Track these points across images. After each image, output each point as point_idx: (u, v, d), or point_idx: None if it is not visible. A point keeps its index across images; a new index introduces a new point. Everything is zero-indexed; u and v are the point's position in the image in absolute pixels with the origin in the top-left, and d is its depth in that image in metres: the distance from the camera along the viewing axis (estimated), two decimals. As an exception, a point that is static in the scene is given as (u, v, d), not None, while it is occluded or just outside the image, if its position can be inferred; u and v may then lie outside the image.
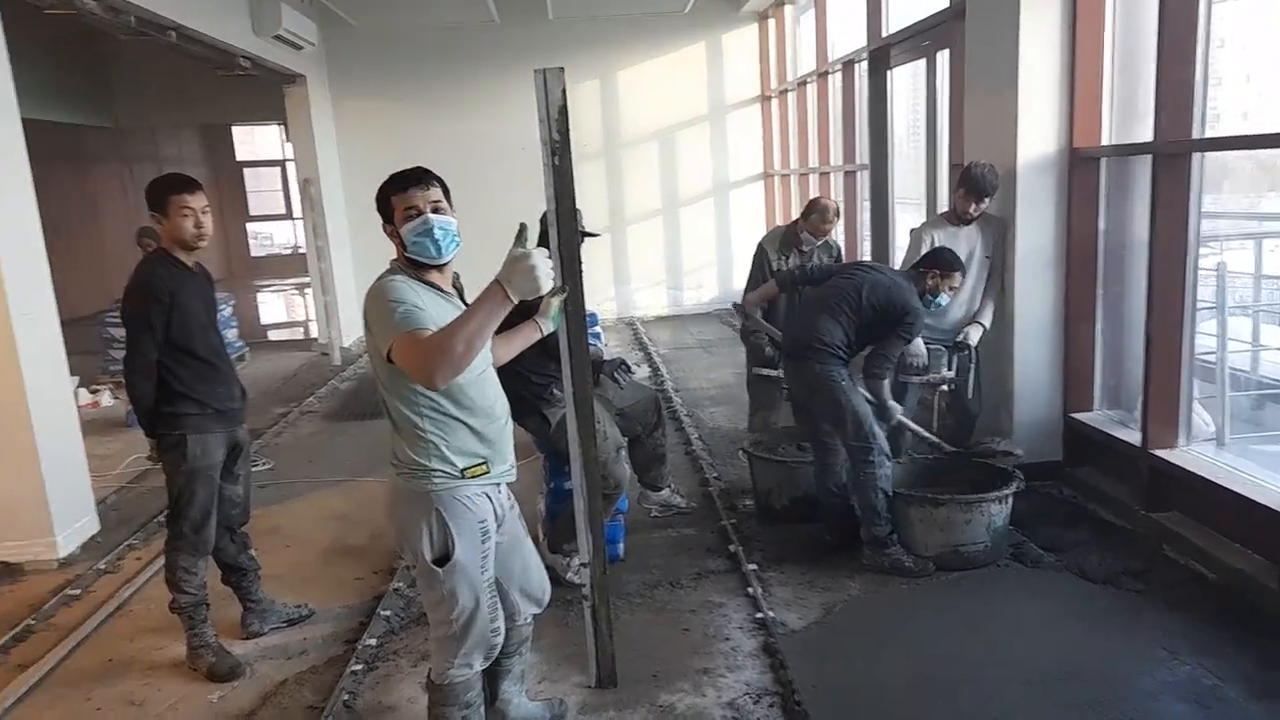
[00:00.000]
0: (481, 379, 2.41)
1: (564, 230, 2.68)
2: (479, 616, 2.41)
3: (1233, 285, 5.87)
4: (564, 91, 2.61)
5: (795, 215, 5.79)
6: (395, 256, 2.41)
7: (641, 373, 7.85)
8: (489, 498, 2.43)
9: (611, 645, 3.04)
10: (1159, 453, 3.94)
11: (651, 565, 4.05)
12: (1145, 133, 4.12)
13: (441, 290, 2.39)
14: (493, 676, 2.75)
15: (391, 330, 2.19)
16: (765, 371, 5.10)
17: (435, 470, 2.32)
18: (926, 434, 4.30)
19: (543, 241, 4.00)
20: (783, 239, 5.11)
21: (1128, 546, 3.92)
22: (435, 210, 2.35)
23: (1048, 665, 3.09)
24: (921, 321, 4.01)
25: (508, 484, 2.54)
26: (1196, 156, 3.87)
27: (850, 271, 4.21)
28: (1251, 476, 3.59)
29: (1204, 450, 3.95)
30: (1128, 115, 4.41)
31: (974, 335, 4.54)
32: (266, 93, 9.79)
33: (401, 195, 2.34)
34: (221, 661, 3.28)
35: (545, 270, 2.21)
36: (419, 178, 2.39)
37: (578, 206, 4.07)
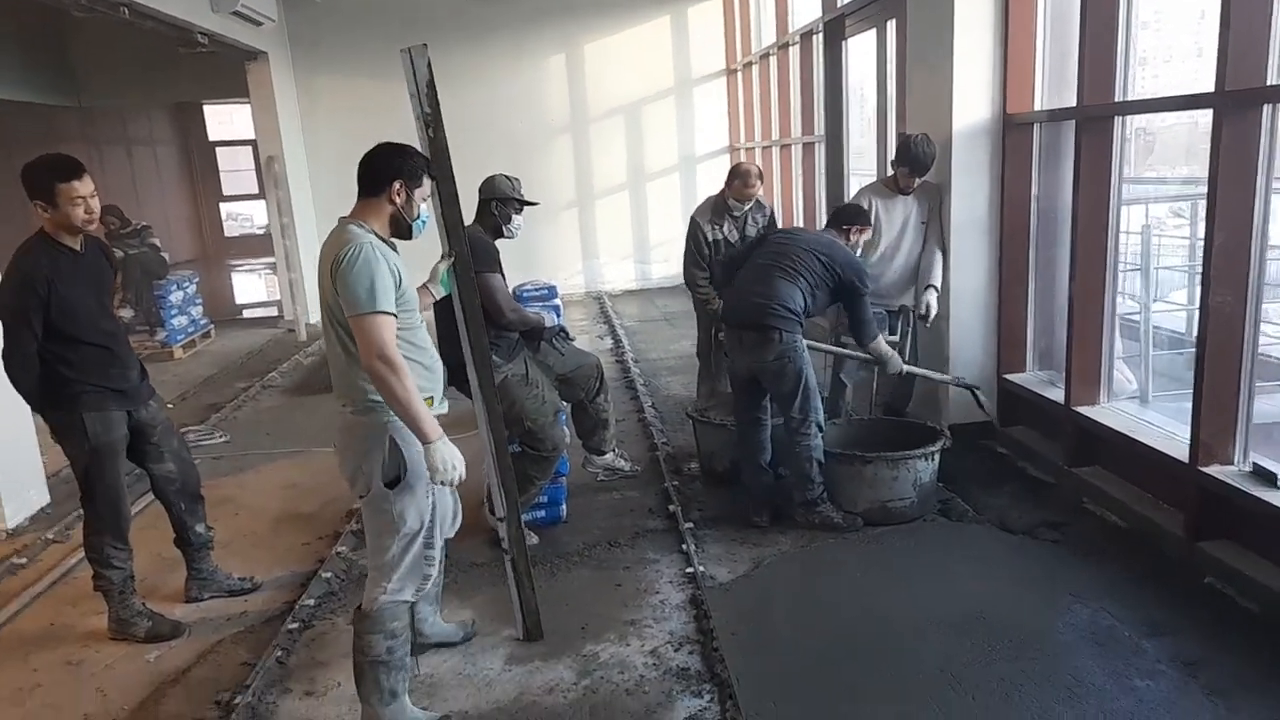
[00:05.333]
0: (422, 325, 2.68)
1: (445, 198, 2.81)
2: (418, 541, 2.58)
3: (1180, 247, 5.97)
4: (429, 66, 2.72)
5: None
6: (357, 212, 2.57)
7: (604, 345, 7.93)
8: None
9: (534, 597, 3.13)
10: (1081, 410, 4.05)
11: (593, 526, 4.15)
12: (1074, 98, 4.19)
13: (388, 241, 2.60)
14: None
15: (364, 302, 2.39)
16: None
17: None
18: (936, 375, 4.40)
19: (482, 209, 4.08)
20: (713, 209, 5.15)
21: (1049, 500, 4.05)
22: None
23: (961, 612, 3.21)
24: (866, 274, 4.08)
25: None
26: (1118, 120, 3.95)
27: (783, 238, 4.22)
28: (1162, 429, 3.70)
29: (1125, 407, 4.06)
30: (1059, 81, 4.48)
31: (931, 302, 4.56)
32: (233, 70, 9.74)
33: (428, 182, 2.65)
34: (159, 624, 3.36)
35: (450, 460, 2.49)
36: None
37: (514, 176, 4.17)
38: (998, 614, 3.17)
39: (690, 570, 3.60)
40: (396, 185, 2.54)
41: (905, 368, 4.21)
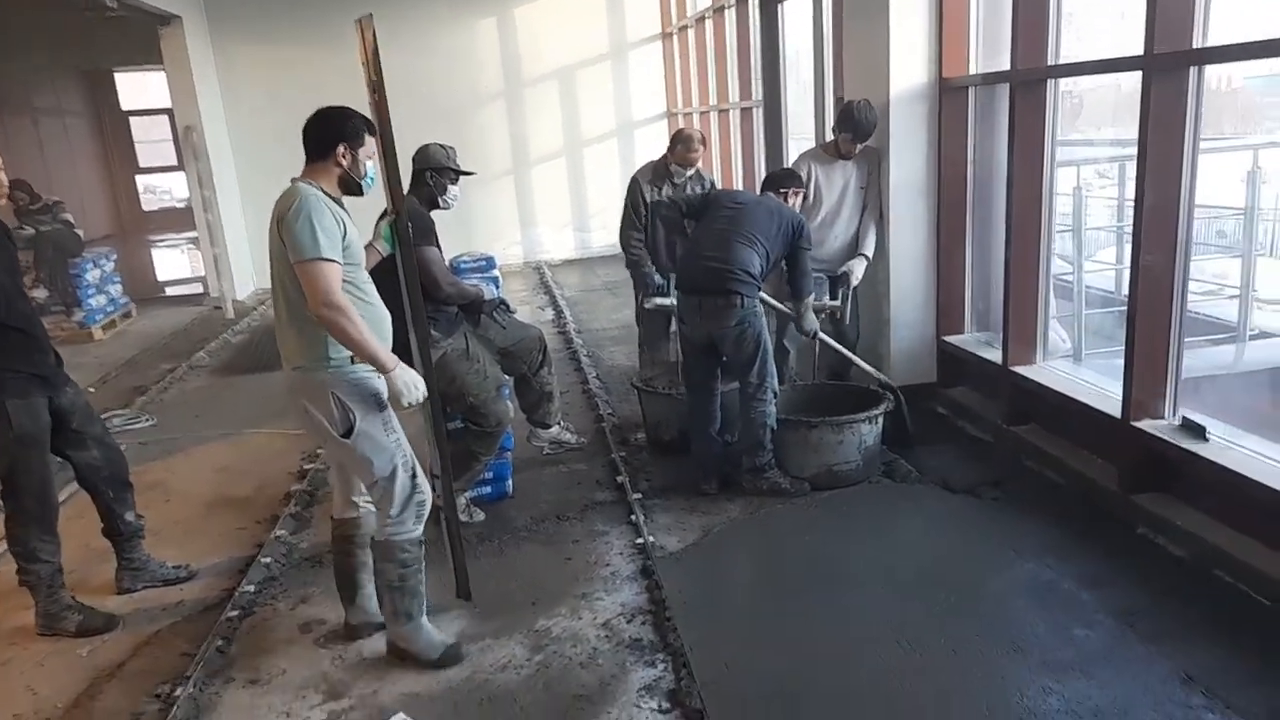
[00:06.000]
0: (369, 280, 2.78)
1: (388, 161, 2.76)
2: (399, 476, 2.75)
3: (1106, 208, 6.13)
4: (375, 35, 2.72)
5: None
6: (306, 174, 2.67)
7: (545, 316, 7.84)
8: (379, 376, 2.69)
9: (463, 554, 3.12)
10: (1018, 369, 4.14)
11: (540, 500, 4.10)
12: (1007, 62, 4.23)
13: (336, 199, 2.69)
14: (353, 577, 3.01)
15: (308, 249, 2.51)
16: (659, 302, 5.01)
17: (330, 359, 2.64)
18: (861, 361, 4.39)
19: (416, 179, 3.94)
20: (654, 171, 5.10)
21: (989, 459, 4.14)
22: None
23: (907, 571, 3.28)
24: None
25: None
26: (1050, 83, 4.00)
27: (733, 200, 4.18)
28: (1095, 386, 3.81)
29: (1060, 365, 4.17)
30: (993, 44, 4.51)
31: (858, 270, 4.62)
32: (146, 35, 9.24)
33: (370, 140, 2.71)
34: (91, 617, 3.22)
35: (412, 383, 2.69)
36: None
37: (449, 144, 4.05)
38: (942, 571, 3.24)
39: (640, 541, 3.59)
40: (340, 149, 2.65)
41: (821, 335, 4.22)
